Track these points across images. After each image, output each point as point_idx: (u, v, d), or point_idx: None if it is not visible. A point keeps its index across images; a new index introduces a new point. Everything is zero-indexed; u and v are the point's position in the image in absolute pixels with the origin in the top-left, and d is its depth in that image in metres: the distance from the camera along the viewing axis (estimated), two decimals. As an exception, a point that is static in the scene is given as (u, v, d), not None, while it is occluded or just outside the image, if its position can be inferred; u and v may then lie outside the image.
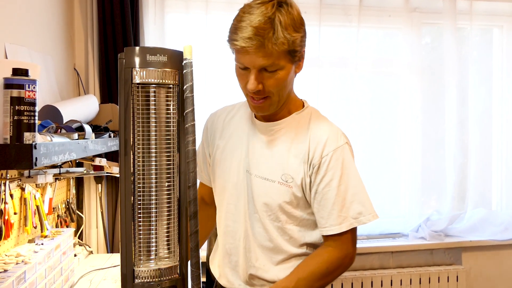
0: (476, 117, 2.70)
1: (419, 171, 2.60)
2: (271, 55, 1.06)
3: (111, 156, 2.13)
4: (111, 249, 2.24)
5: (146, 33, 2.27)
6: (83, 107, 1.77)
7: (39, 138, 1.01)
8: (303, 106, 1.26)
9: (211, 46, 2.32)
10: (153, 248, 1.16)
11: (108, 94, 2.22)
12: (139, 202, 1.13)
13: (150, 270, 1.13)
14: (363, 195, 1.17)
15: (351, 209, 1.14)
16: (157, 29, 2.31)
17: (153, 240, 1.15)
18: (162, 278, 1.13)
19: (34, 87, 0.96)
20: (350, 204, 1.14)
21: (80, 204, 2.18)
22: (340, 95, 2.58)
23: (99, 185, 2.19)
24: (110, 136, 1.73)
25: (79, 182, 2.19)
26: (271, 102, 1.15)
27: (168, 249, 1.16)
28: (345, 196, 1.14)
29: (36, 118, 0.97)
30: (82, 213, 2.17)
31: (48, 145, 1.02)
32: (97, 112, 1.95)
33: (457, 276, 2.59)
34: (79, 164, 2.07)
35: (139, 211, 1.14)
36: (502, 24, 2.82)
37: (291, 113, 1.22)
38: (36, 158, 0.94)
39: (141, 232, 1.14)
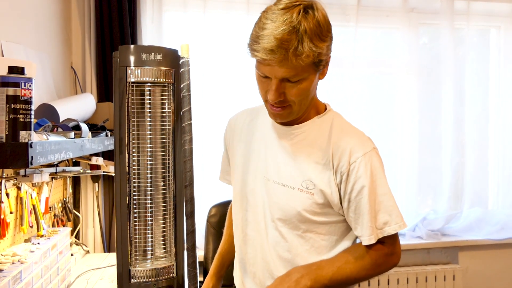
0: (473, 117, 2.70)
1: (416, 171, 2.61)
2: (295, 68, 1.00)
3: (107, 155, 2.13)
4: (107, 248, 2.23)
5: (144, 31, 2.26)
6: (80, 105, 1.77)
7: (35, 137, 1.01)
8: (325, 109, 1.20)
9: (209, 44, 2.32)
10: (149, 248, 1.16)
11: (105, 92, 2.21)
12: (134, 202, 1.13)
13: (146, 270, 1.13)
14: (390, 203, 1.10)
15: (378, 219, 1.08)
16: (155, 28, 2.30)
17: (149, 240, 1.15)
18: (158, 278, 1.13)
19: (30, 85, 0.95)
20: (376, 213, 1.08)
21: (76, 203, 2.17)
22: (338, 94, 2.58)
23: (96, 184, 2.18)
24: (107, 135, 1.73)
25: (76, 181, 2.18)
26: (291, 111, 1.09)
27: (164, 248, 1.16)
28: (374, 205, 1.08)
29: (32, 116, 0.96)
30: (78, 212, 2.16)
31: (44, 144, 1.02)
32: (94, 111, 1.95)
33: (453, 275, 2.60)
34: (75, 163, 2.06)
35: (135, 210, 1.14)
36: (499, 25, 2.82)
37: (312, 116, 1.16)
38: (32, 157, 0.93)
39: (137, 232, 1.14)
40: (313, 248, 1.13)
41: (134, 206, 1.13)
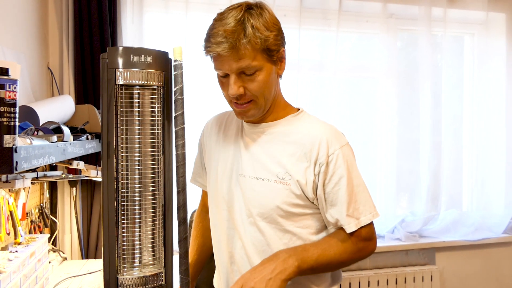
0: (449, 121, 2.77)
1: (395, 173, 2.65)
2: (246, 56, 1.06)
3: (86, 158, 2.07)
4: (86, 255, 2.17)
5: (124, 31, 2.21)
6: (59, 108, 1.71)
7: (19, 141, 0.96)
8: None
9: (191, 46, 2.29)
10: (137, 255, 1.12)
11: (83, 94, 2.15)
12: (122, 208, 1.10)
13: (135, 278, 1.09)
14: (364, 194, 1.15)
15: (355, 209, 1.12)
16: (136, 28, 2.25)
17: (137, 246, 1.12)
18: (146, 286, 1.10)
19: (15, 87, 0.91)
20: (354, 203, 1.12)
21: (53, 209, 2.10)
22: (319, 98, 2.60)
23: (74, 188, 2.12)
24: (87, 138, 1.67)
25: (53, 186, 2.11)
26: (257, 106, 1.13)
27: (153, 255, 1.13)
28: (351, 195, 1.12)
29: (17, 120, 0.92)
30: (55, 217, 2.09)
31: (28, 148, 0.97)
32: (73, 113, 1.89)
33: (431, 276, 2.65)
34: (52, 168, 1.99)
35: (123, 216, 1.10)
36: (473, 32, 2.91)
37: (285, 116, 1.20)
38: (16, 162, 0.89)
39: (124, 238, 1.10)
40: (292, 242, 1.15)
41: (122, 211, 1.09)
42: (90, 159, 2.10)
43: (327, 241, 1.13)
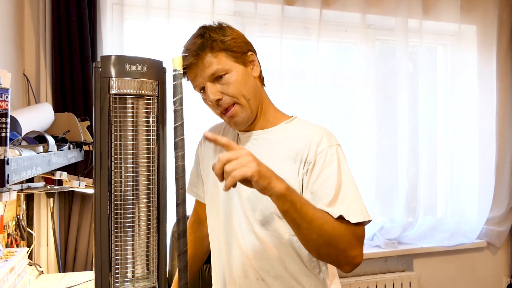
0: (425, 130, 2.84)
1: (374, 180, 2.69)
2: (211, 62, 1.11)
3: (64, 168, 1.99)
4: (63, 268, 2.08)
5: (104, 38, 2.16)
6: (39, 116, 1.64)
7: (9, 153, 0.92)
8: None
9: (174, 53, 2.26)
10: (130, 269, 1.09)
11: (62, 102, 2.08)
12: (115, 220, 1.07)
13: (127, 292, 1.06)
14: (355, 194, 1.09)
15: (344, 207, 1.04)
16: (116, 35, 2.21)
17: (130, 260, 1.09)
18: (140, 301, 1.07)
19: (6, 97, 0.87)
20: (341, 202, 1.06)
21: (29, 221, 2.01)
22: (300, 106, 2.62)
23: (51, 199, 2.04)
24: (69, 148, 1.62)
25: (29, 197, 2.02)
26: (242, 108, 1.14)
27: (148, 269, 1.10)
28: (338, 193, 1.07)
29: (8, 130, 0.88)
30: (32, 230, 2.00)
31: (18, 160, 0.93)
32: (52, 122, 1.82)
33: (409, 282, 2.70)
34: (29, 178, 1.91)
35: (116, 229, 1.07)
36: (446, 43, 3.01)
37: (279, 122, 1.21)
38: (8, 175, 0.85)
39: (118, 251, 1.07)
40: (291, 250, 1.13)
41: (115, 224, 1.06)
42: (68, 168, 2.03)
43: (319, 208, 1.04)
